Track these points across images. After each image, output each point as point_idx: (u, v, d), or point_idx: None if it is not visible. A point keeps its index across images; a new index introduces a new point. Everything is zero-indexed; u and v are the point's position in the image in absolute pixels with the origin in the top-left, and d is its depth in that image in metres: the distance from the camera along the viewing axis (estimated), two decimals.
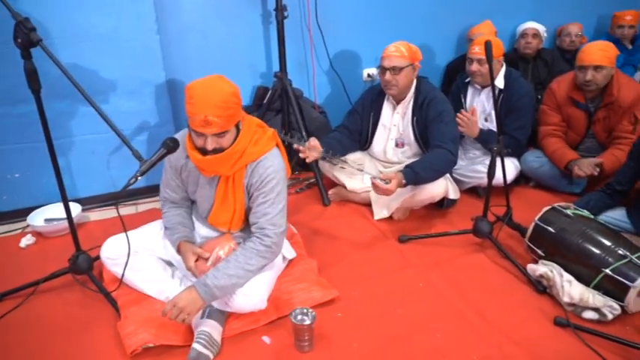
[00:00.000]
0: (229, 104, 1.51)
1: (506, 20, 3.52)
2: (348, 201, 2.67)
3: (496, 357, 1.60)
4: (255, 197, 1.68)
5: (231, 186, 1.70)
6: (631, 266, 1.73)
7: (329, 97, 3.19)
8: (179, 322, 1.55)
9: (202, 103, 1.49)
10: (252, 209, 1.70)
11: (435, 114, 2.33)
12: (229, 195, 1.72)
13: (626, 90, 2.51)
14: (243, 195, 1.72)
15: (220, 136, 1.56)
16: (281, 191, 1.68)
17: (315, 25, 2.89)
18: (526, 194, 2.75)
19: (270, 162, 1.66)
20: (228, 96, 1.51)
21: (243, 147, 1.63)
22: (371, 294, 1.93)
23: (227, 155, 1.60)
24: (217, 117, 1.49)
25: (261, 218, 1.67)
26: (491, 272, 2.06)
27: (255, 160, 1.67)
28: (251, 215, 1.72)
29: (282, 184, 1.69)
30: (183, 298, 1.56)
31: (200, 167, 1.68)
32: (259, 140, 1.67)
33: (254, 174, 1.67)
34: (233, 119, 1.56)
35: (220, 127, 1.52)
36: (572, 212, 1.99)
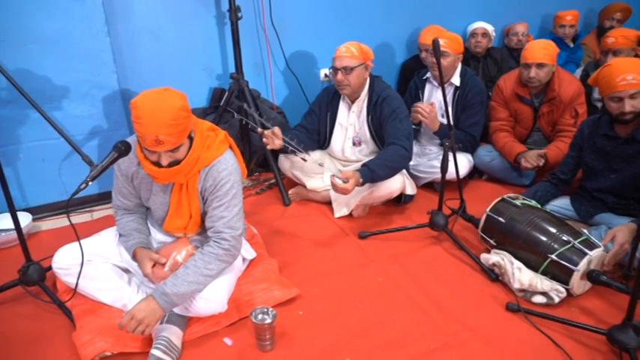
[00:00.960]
0: (180, 120, 1.47)
1: (456, 21, 3.64)
2: (309, 200, 2.69)
3: (452, 344, 1.66)
4: (210, 201, 1.67)
5: (185, 192, 1.68)
6: (574, 251, 1.83)
7: (287, 98, 3.20)
8: (138, 334, 1.51)
9: (152, 124, 1.42)
10: (208, 213, 1.69)
11: (389, 111, 2.38)
12: (184, 201, 1.69)
13: (566, 86, 2.66)
14: (197, 200, 1.70)
15: (174, 151, 1.53)
16: (236, 194, 1.67)
17: (270, 26, 2.89)
18: (479, 187, 2.86)
19: (223, 165, 1.65)
20: (177, 112, 1.46)
21: (197, 154, 1.60)
22: (332, 290, 1.96)
23: (183, 166, 1.58)
24: (169, 135, 1.45)
25: (217, 222, 1.66)
26: (447, 263, 2.13)
27: (209, 165, 1.65)
28: (207, 219, 1.70)
29: (237, 187, 1.68)
30: (141, 310, 1.53)
31: (153, 176, 1.65)
32: (211, 145, 1.65)
33: (208, 178, 1.65)
34: (185, 133, 1.53)
35: (173, 144, 1.49)
36: (520, 202, 2.09)
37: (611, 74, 1.93)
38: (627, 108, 1.90)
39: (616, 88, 1.90)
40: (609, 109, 1.99)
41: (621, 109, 1.92)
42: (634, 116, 1.92)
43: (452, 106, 2.77)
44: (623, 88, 1.88)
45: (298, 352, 1.65)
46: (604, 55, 2.98)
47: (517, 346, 1.65)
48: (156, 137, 1.44)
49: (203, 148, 1.62)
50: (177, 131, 1.47)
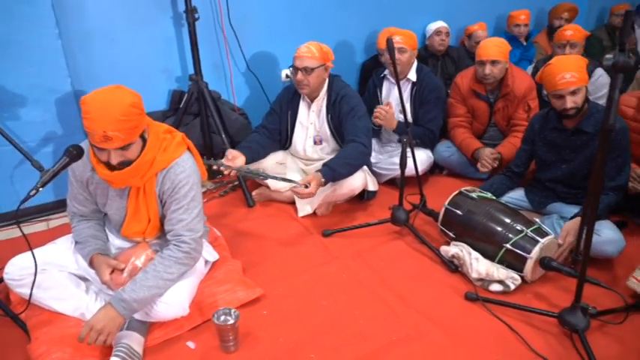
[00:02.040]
0: (130, 116, 1.44)
1: (413, 21, 3.70)
2: (273, 200, 2.69)
3: (413, 336, 1.70)
4: (169, 204, 1.64)
5: (142, 196, 1.65)
6: (527, 239, 1.90)
7: (248, 99, 3.19)
8: (100, 344, 1.47)
9: (100, 119, 1.40)
10: (167, 216, 1.66)
11: (348, 109, 2.41)
12: (141, 205, 1.66)
13: (519, 81, 2.76)
14: (155, 204, 1.67)
15: (125, 149, 1.49)
16: (195, 196, 1.65)
17: (229, 27, 2.87)
18: (440, 182, 2.93)
19: (181, 168, 1.62)
20: (127, 108, 1.43)
21: (152, 156, 1.57)
22: (296, 289, 1.97)
23: (136, 167, 1.55)
24: (118, 131, 1.42)
25: (176, 225, 1.63)
26: (409, 257, 2.18)
27: (166, 168, 1.62)
28: (166, 222, 1.67)
29: (196, 189, 1.66)
30: (100, 319, 1.49)
31: (108, 180, 1.61)
32: (168, 147, 1.62)
33: (165, 181, 1.62)
34: (136, 131, 1.49)
35: (122, 141, 1.45)
36: (477, 195, 2.15)
37: (551, 73, 2.02)
38: (568, 104, 1.99)
39: (557, 87, 1.99)
40: (554, 106, 2.08)
41: (563, 105, 2.01)
42: (577, 111, 2.02)
43: (410, 101, 2.83)
44: (563, 87, 1.97)
45: (263, 351, 1.65)
46: (561, 48, 3.09)
47: (475, 334, 1.70)
48: (104, 133, 1.41)
49: (159, 150, 1.59)
50: (127, 128, 1.44)
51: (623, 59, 1.27)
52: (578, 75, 1.97)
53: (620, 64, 1.27)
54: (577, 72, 1.96)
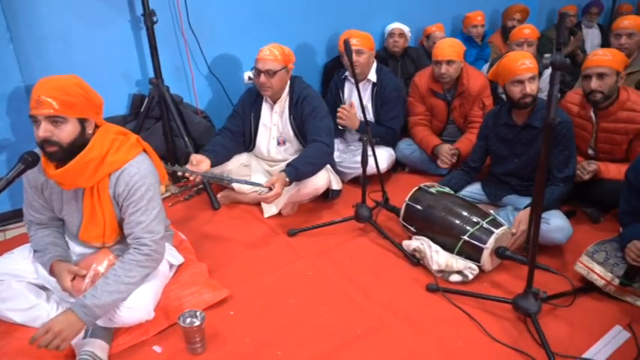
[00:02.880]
0: (70, 91, 1.46)
1: (373, 22, 3.79)
2: (238, 202, 2.70)
3: (377, 328, 1.75)
4: (126, 207, 1.63)
5: (97, 198, 1.63)
6: (483, 231, 1.99)
7: (211, 102, 3.18)
8: (52, 349, 1.44)
9: (40, 86, 1.45)
10: (125, 220, 1.65)
11: (310, 110, 2.45)
12: (97, 207, 1.65)
13: (474, 80, 2.88)
14: (110, 206, 1.65)
15: (56, 125, 1.47)
16: (152, 197, 1.64)
17: (189, 30, 2.86)
18: (402, 179, 3.01)
19: (135, 169, 1.61)
20: (70, 84, 1.48)
21: (99, 154, 1.56)
22: (263, 289, 1.99)
23: (80, 165, 1.53)
24: (52, 98, 1.43)
25: (135, 228, 1.63)
26: (372, 253, 2.24)
27: (119, 169, 1.61)
28: (125, 226, 1.66)
29: (153, 190, 1.65)
30: (58, 322, 1.47)
31: (58, 181, 1.59)
32: (121, 147, 1.61)
33: (119, 183, 1.61)
34: (73, 109, 1.48)
35: (53, 110, 1.44)
36: (435, 190, 2.23)
37: (510, 61, 2.13)
38: (528, 89, 2.10)
39: (517, 71, 2.09)
40: (511, 95, 2.17)
41: (523, 91, 2.11)
42: (532, 99, 2.12)
43: (371, 102, 2.90)
44: (523, 72, 2.08)
45: (230, 351, 1.67)
46: (519, 46, 3.23)
47: (436, 323, 1.77)
48: (38, 97, 1.43)
49: (110, 150, 1.58)
50: (63, 100, 1.45)
51: (560, 58, 1.36)
52: (534, 65, 2.09)
53: (557, 63, 1.36)
54: (532, 62, 2.09)
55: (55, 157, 1.51)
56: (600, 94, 2.29)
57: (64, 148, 1.51)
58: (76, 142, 1.52)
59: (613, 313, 1.78)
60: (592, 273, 1.85)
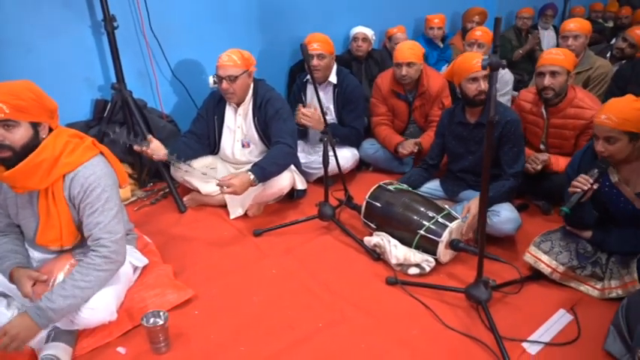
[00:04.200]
0: (21, 96, 1.48)
1: (338, 25, 3.88)
2: (205, 205, 2.73)
3: (338, 320, 1.82)
4: (83, 209, 1.64)
5: (52, 200, 1.64)
6: (438, 225, 2.09)
7: (176, 105, 3.19)
8: (10, 351, 1.45)
9: None
10: (84, 222, 1.66)
11: (273, 112, 2.51)
12: (52, 210, 1.65)
13: (433, 81, 2.99)
14: (66, 208, 1.66)
15: (7, 129, 1.48)
16: (109, 198, 1.66)
17: (151, 34, 2.87)
18: (366, 178, 3.09)
19: (90, 171, 1.63)
20: (21, 88, 1.49)
21: (51, 156, 1.57)
22: (228, 288, 2.03)
23: (31, 166, 1.54)
24: (2, 102, 1.45)
25: (94, 229, 1.64)
26: (336, 249, 2.30)
27: (73, 171, 1.62)
28: (84, 228, 1.67)
29: (110, 191, 1.66)
30: (15, 325, 1.48)
31: (10, 184, 1.59)
32: (75, 150, 1.63)
33: (74, 185, 1.62)
34: (25, 112, 1.50)
35: (3, 113, 1.45)
36: (394, 187, 2.32)
37: (465, 60, 2.24)
38: (482, 86, 2.21)
39: (472, 69, 2.20)
40: (466, 92, 2.27)
41: (478, 88, 2.21)
42: (484, 98, 2.23)
43: (333, 103, 2.98)
44: (478, 69, 2.18)
45: (194, 349, 1.70)
46: (470, 46, 3.37)
47: (394, 314, 1.85)
48: None
49: (64, 152, 1.60)
50: (14, 103, 1.47)
51: (495, 60, 1.46)
52: None
53: (493, 64, 1.46)
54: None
55: (8, 162, 1.52)
56: (552, 92, 2.42)
57: (16, 152, 1.52)
58: (28, 146, 1.53)
59: (558, 299, 1.90)
60: (539, 262, 1.97)
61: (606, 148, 1.75)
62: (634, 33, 3.40)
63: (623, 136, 1.72)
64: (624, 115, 1.71)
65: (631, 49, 3.39)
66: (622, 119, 1.71)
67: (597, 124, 1.77)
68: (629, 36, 3.40)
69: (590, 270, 1.91)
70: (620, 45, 3.44)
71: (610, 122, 1.72)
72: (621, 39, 3.47)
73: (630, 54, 3.38)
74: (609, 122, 1.72)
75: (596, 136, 1.80)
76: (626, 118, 1.71)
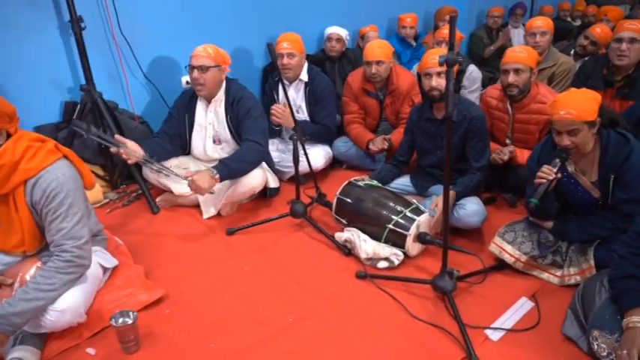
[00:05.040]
0: None
1: (311, 25, 3.91)
2: (178, 205, 2.73)
3: (308, 314, 1.85)
4: (45, 215, 1.62)
5: (13, 206, 1.62)
6: (406, 219, 2.14)
7: (148, 107, 3.18)
8: None
9: None
10: (46, 227, 1.64)
11: (245, 111, 2.53)
12: (14, 216, 1.64)
13: (403, 79, 3.04)
14: (28, 214, 1.64)
15: None
16: (73, 203, 1.63)
17: (120, 35, 2.86)
18: (340, 175, 3.12)
19: (52, 176, 1.60)
20: None
21: (10, 161, 1.55)
22: (199, 287, 2.04)
23: None
24: None
25: (56, 235, 1.62)
26: (308, 246, 2.33)
27: (35, 176, 1.60)
28: (47, 234, 1.66)
29: (74, 195, 1.64)
30: None
31: None
32: (36, 154, 1.60)
33: (36, 191, 1.60)
34: None
35: None
36: (364, 184, 2.36)
37: (425, 57, 2.32)
38: (434, 83, 2.26)
39: (427, 65, 2.27)
40: (424, 86, 2.34)
41: (430, 84, 2.27)
42: (440, 94, 2.28)
43: (305, 101, 3.01)
44: (432, 66, 2.24)
45: (164, 347, 1.72)
46: (438, 44, 3.44)
47: (363, 306, 1.89)
48: None
49: (24, 158, 1.58)
50: None
51: (452, 57, 1.51)
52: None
53: (450, 61, 1.51)
54: None
55: None
56: (516, 88, 2.49)
57: None
58: None
59: (520, 287, 1.96)
60: (503, 252, 2.03)
61: (572, 141, 1.81)
62: (595, 31, 3.51)
63: (584, 126, 1.79)
64: (582, 107, 1.78)
65: (593, 46, 3.50)
66: (580, 111, 1.77)
67: (558, 120, 1.82)
68: (591, 34, 3.51)
69: (551, 259, 1.98)
70: (582, 42, 3.56)
71: (570, 116, 1.78)
72: (583, 37, 3.58)
73: (592, 51, 3.49)
74: (569, 116, 1.78)
75: (557, 132, 1.85)
76: (584, 109, 1.77)
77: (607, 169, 1.81)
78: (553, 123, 1.85)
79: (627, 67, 2.74)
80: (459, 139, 2.37)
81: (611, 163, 1.80)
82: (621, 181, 1.79)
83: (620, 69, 2.76)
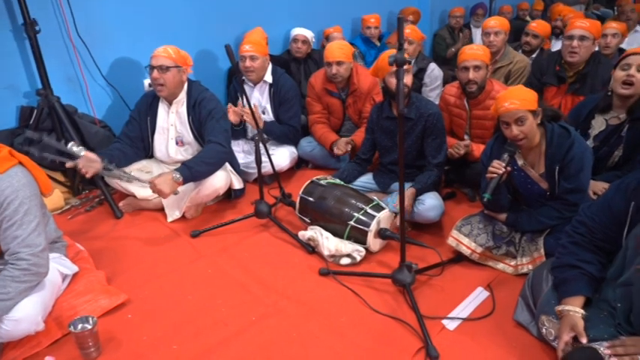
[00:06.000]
0: None
1: (277, 26, 3.93)
2: (142, 209, 2.70)
3: (271, 313, 1.87)
4: (0, 222, 1.59)
5: None
6: (367, 215, 2.18)
7: (110, 110, 3.13)
8: None
9: None
10: (1, 235, 1.61)
11: (206, 113, 2.53)
12: None
13: (363, 79, 3.09)
14: None
15: None
16: (29, 210, 1.61)
17: (77, 38, 2.81)
18: (305, 175, 3.15)
19: (6, 183, 1.58)
20: None
21: None
22: (162, 290, 2.04)
23: None
24: None
25: (11, 243, 1.59)
26: (272, 246, 2.35)
27: None
28: (2, 242, 1.62)
29: (29, 202, 1.62)
30: None
31: None
32: None
33: None
34: None
35: None
36: (326, 182, 2.40)
37: (382, 59, 2.35)
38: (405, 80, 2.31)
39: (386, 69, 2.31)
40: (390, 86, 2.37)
41: (390, 85, 2.33)
42: (408, 91, 2.34)
43: (270, 102, 3.03)
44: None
45: (125, 352, 1.71)
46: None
47: (325, 303, 1.92)
48: None
49: None
50: None
51: (400, 57, 1.56)
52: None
53: (398, 61, 1.56)
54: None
55: None
56: (475, 85, 2.58)
57: None
58: None
59: (477, 277, 2.03)
60: (460, 244, 2.10)
61: (521, 130, 1.88)
62: (532, 26, 3.74)
63: (529, 115, 1.87)
64: (522, 96, 1.88)
65: (535, 39, 3.69)
66: (522, 99, 1.87)
67: (504, 111, 1.90)
68: (529, 29, 3.73)
69: (505, 249, 2.06)
70: (525, 39, 3.76)
71: (514, 105, 1.87)
72: (524, 34, 3.77)
73: (537, 44, 3.69)
74: (514, 106, 1.87)
75: (506, 124, 1.93)
76: (524, 98, 1.87)
77: (552, 161, 1.90)
78: (500, 117, 1.93)
79: (578, 64, 2.86)
80: (417, 136, 2.43)
81: (555, 156, 1.89)
82: (565, 172, 1.88)
83: (572, 65, 2.88)
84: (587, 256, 1.56)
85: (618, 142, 2.19)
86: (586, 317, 1.46)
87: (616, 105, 2.21)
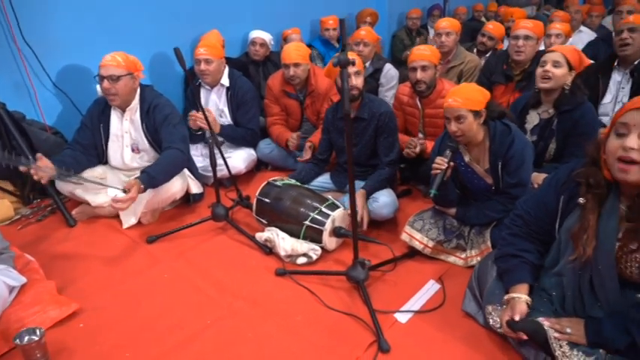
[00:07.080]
0: None
1: (236, 28, 3.92)
2: (96, 217, 2.65)
3: (226, 315, 1.87)
4: None
5: None
6: (322, 214, 2.21)
7: (61, 116, 3.05)
8: None
9: None
10: None
11: (162, 118, 2.50)
12: None
13: (321, 80, 3.12)
14: None
15: None
16: None
17: (24, 44, 2.73)
18: (265, 177, 3.09)
19: None
20: None
21: None
22: (117, 298, 2.00)
23: None
24: None
25: None
26: (229, 248, 2.35)
27: None
28: None
29: None
30: None
31: None
32: None
33: None
34: None
35: None
36: (281, 183, 2.42)
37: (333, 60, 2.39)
38: (354, 81, 2.36)
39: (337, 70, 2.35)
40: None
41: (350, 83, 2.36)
42: (359, 92, 2.39)
43: (227, 105, 3.03)
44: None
45: None
46: (357, 45, 3.57)
47: (281, 302, 1.94)
48: None
49: None
50: None
51: (344, 58, 1.59)
52: (358, 61, 2.37)
53: (342, 61, 1.59)
54: (358, 60, 2.38)
55: None
56: (424, 84, 2.65)
57: None
58: None
59: (429, 271, 2.10)
60: (413, 239, 2.16)
61: (459, 128, 1.96)
62: (488, 28, 3.90)
63: (469, 114, 1.95)
64: (466, 96, 1.95)
65: (491, 41, 3.85)
66: (465, 99, 1.94)
67: (446, 107, 1.99)
68: (486, 31, 3.89)
69: (456, 242, 2.13)
70: (480, 40, 3.90)
71: (456, 103, 1.94)
72: (480, 34, 3.91)
73: (492, 45, 3.84)
74: (456, 103, 1.95)
75: (448, 119, 2.01)
76: (468, 97, 1.95)
77: (495, 157, 1.98)
78: (444, 111, 2.01)
79: (524, 62, 2.99)
80: (370, 135, 2.48)
81: (498, 152, 1.97)
82: (507, 167, 1.97)
83: (518, 64, 3.01)
84: (526, 245, 1.64)
85: (551, 135, 2.32)
86: (530, 303, 1.53)
87: (544, 100, 2.34)
